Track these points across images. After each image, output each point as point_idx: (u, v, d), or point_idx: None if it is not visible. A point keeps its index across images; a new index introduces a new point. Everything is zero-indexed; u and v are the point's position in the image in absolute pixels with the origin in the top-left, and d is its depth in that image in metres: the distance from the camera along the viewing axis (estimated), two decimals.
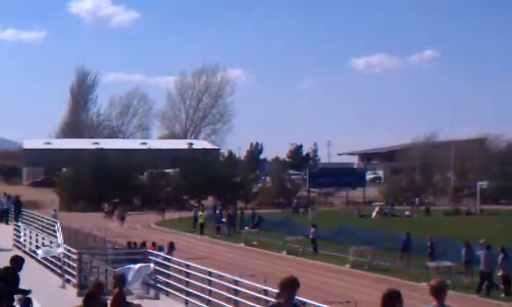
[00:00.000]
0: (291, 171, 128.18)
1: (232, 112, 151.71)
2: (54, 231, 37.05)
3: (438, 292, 10.51)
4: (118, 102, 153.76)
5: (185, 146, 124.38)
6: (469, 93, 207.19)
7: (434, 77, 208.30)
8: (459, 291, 31.97)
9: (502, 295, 31.23)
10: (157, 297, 24.92)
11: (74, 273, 26.93)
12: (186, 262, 26.32)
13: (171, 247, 36.25)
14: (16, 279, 14.47)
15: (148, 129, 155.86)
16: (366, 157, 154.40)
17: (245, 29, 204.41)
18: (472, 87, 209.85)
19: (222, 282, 21.52)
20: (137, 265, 23.90)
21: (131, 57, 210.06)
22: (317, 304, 17.93)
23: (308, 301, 18.02)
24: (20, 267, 15.09)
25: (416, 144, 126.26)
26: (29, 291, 14.96)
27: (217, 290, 19.40)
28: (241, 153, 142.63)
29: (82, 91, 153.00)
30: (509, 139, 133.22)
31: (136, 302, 17.51)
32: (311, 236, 48.29)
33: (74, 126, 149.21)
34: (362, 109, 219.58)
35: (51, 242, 32.45)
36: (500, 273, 31.97)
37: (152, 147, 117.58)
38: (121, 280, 16.45)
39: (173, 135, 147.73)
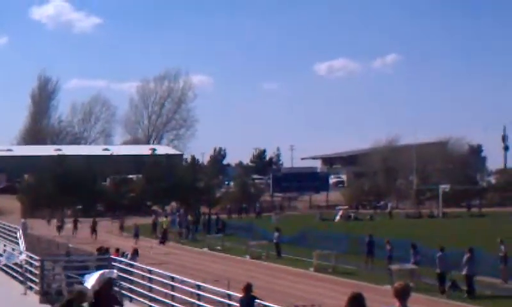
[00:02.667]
0: (254, 176, 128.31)
1: (195, 118, 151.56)
2: (16, 238, 36.72)
3: (402, 294, 10.57)
4: (80, 108, 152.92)
5: (148, 152, 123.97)
6: (431, 97, 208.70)
7: (396, 81, 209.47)
8: (422, 293, 32.20)
9: (465, 296, 31.49)
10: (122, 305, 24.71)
11: (36, 280, 26.70)
12: (149, 268, 26.22)
13: (135, 253, 36.09)
14: None
15: (111, 135, 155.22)
16: (329, 161, 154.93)
17: (208, 34, 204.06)
18: (433, 91, 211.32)
19: (185, 287, 21.45)
20: (100, 271, 23.72)
21: (93, 62, 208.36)
22: None
23: (272, 305, 18.06)
24: None
25: (378, 148, 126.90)
26: None
27: (180, 295, 19.33)
28: (204, 158, 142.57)
29: (43, 98, 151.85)
30: (470, 142, 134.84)
31: None
32: (275, 241, 48.31)
33: (36, 132, 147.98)
34: (325, 113, 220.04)
35: (13, 249, 32.15)
36: (464, 272, 32.24)
37: (114, 153, 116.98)
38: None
39: (135, 141, 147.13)
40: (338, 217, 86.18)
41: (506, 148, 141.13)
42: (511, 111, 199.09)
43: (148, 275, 25.50)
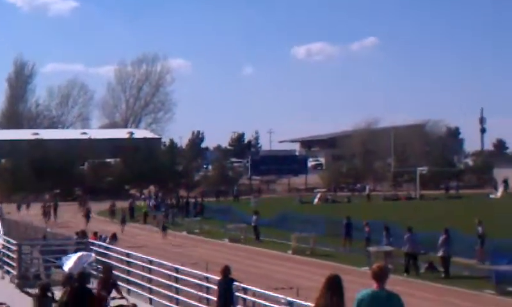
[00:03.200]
0: (233, 159, 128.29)
1: (173, 101, 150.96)
2: None
3: (380, 276, 10.61)
4: (58, 92, 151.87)
5: (126, 136, 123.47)
6: (409, 80, 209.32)
7: (374, 65, 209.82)
8: (399, 274, 32.36)
9: (442, 276, 31.69)
10: None
11: (14, 264, 26.59)
12: (127, 251, 26.17)
13: (114, 238, 36.02)
14: None
15: (89, 119, 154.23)
16: (307, 144, 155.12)
17: (186, 18, 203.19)
18: (411, 74, 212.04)
19: (163, 270, 21.43)
20: (79, 253, 23.68)
21: (70, 46, 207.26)
22: (259, 289, 17.97)
23: (250, 287, 18.06)
24: None
25: (356, 131, 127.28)
26: None
27: (158, 278, 19.34)
28: (183, 142, 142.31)
29: (20, 82, 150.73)
30: (448, 125, 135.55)
31: None
32: (253, 224, 48.36)
33: (12, 117, 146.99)
34: (303, 97, 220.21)
35: None
36: (440, 254, 32.46)
37: (92, 137, 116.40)
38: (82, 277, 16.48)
39: (113, 125, 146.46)
40: (316, 200, 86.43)
41: (483, 131, 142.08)
42: (488, 94, 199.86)
43: (126, 258, 25.44)
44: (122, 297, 16.90)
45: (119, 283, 18.27)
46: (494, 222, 45.90)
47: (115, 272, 25.53)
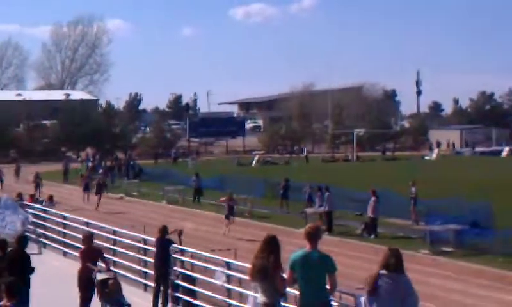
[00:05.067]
0: (171, 121, 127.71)
1: (110, 63, 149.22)
2: None
3: (312, 237, 10.71)
4: None
5: (63, 97, 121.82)
6: (346, 42, 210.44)
7: (312, 26, 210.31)
8: (335, 235, 32.80)
9: (372, 236, 32.17)
10: (40, 252, 24.35)
11: None
12: (64, 214, 25.96)
13: (50, 201, 35.61)
14: None
15: (23, 80, 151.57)
16: (246, 106, 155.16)
17: None
18: (349, 36, 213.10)
19: (100, 232, 21.33)
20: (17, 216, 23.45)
21: (4, 6, 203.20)
22: (198, 251, 18.03)
23: (188, 249, 18.11)
24: None
25: (294, 93, 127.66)
26: None
27: (95, 241, 19.19)
28: (120, 103, 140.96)
29: None
30: (384, 87, 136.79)
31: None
32: (193, 186, 48.25)
33: None
34: (242, 59, 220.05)
35: None
36: (370, 215, 32.94)
37: (27, 98, 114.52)
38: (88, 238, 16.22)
39: (49, 86, 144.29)
40: (254, 162, 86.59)
41: (419, 93, 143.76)
42: (424, 56, 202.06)
43: (63, 221, 25.25)
44: (109, 269, 15.78)
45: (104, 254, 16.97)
46: (429, 183, 46.68)
47: (52, 235, 25.39)
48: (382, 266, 9.95)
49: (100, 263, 15.43)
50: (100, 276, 14.63)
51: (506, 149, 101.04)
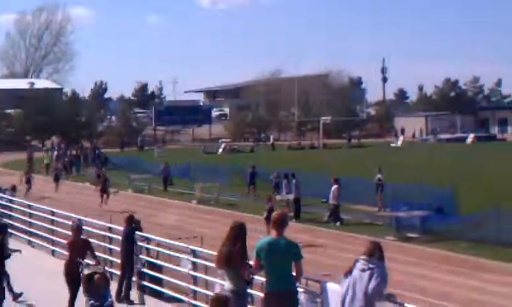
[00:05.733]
0: (137, 110, 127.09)
1: (74, 51, 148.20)
2: None
3: (279, 223, 10.72)
4: None
5: (27, 86, 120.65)
6: (312, 30, 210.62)
7: (279, 14, 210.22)
8: (301, 222, 32.89)
9: (338, 223, 32.27)
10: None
11: None
12: (28, 202, 25.77)
13: (13, 189, 35.31)
14: None
15: None
16: (212, 94, 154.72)
17: None
18: (315, 24, 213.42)
19: (66, 221, 21.19)
20: None
21: None
22: (162, 239, 18.00)
23: (153, 237, 18.07)
24: None
25: (261, 80, 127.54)
26: None
27: (61, 230, 19.12)
28: (85, 92, 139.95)
29: None
30: (350, 75, 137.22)
31: None
32: (163, 175, 47.97)
33: None
34: (208, 46, 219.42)
35: None
36: (332, 202, 33.01)
37: None
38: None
39: (13, 75, 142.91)
40: (221, 150, 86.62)
41: (385, 80, 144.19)
42: (389, 43, 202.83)
43: (28, 210, 25.06)
44: (98, 263, 15.09)
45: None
46: (394, 169, 46.97)
47: (17, 224, 25.18)
48: (364, 253, 10.10)
49: (88, 260, 15.09)
50: (86, 270, 14.37)
51: (471, 136, 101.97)
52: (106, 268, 15.66)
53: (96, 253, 15.69)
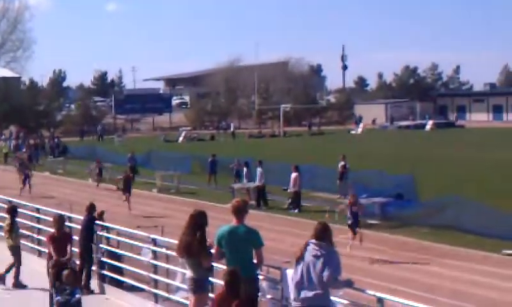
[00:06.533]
0: (96, 98, 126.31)
1: (32, 39, 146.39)
2: None
3: (239, 211, 10.72)
4: None
5: None
6: (271, 18, 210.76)
7: (238, 1, 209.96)
8: (262, 209, 32.93)
9: (297, 211, 32.37)
10: None
11: None
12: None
13: None
14: None
15: None
16: (172, 82, 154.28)
17: None
18: (273, 12, 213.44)
19: (24, 211, 20.96)
20: None
21: None
22: (123, 228, 17.89)
23: (113, 226, 17.96)
24: None
25: (220, 68, 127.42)
26: None
27: (20, 220, 18.88)
28: (44, 81, 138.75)
29: None
30: (310, 62, 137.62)
31: None
32: (129, 164, 47.42)
33: None
34: (167, 34, 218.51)
35: None
36: (292, 190, 33.09)
37: None
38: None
39: None
40: (181, 138, 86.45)
41: (345, 68, 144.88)
42: (349, 31, 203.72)
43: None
44: (70, 259, 14.91)
45: None
46: (355, 156, 47.16)
47: None
48: (312, 237, 10.07)
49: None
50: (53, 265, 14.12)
51: (430, 123, 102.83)
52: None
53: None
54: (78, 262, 16.87)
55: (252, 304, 10.44)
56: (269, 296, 11.38)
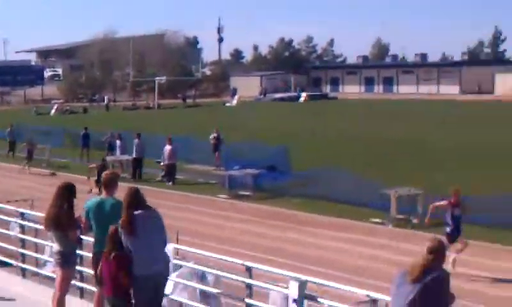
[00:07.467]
0: None
1: None
2: None
3: (108, 184, 10.67)
4: None
5: None
6: None
7: None
8: (141, 183, 32.78)
9: (170, 183, 32.45)
10: None
11: None
12: None
13: None
14: None
15: None
16: (44, 54, 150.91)
17: None
18: None
19: None
20: None
21: None
22: None
23: None
24: None
25: (95, 40, 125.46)
26: None
27: None
28: None
29: None
30: (186, 35, 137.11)
31: None
32: (9, 139, 46.09)
33: None
34: (41, 5, 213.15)
35: None
36: (166, 162, 33.09)
37: None
38: None
39: None
40: (53, 111, 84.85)
41: (221, 40, 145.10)
42: (226, 3, 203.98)
43: None
44: None
45: None
46: (229, 128, 47.47)
47: None
48: (129, 206, 9.67)
49: None
50: None
51: (303, 95, 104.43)
52: None
53: None
54: None
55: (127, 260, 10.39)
56: None
